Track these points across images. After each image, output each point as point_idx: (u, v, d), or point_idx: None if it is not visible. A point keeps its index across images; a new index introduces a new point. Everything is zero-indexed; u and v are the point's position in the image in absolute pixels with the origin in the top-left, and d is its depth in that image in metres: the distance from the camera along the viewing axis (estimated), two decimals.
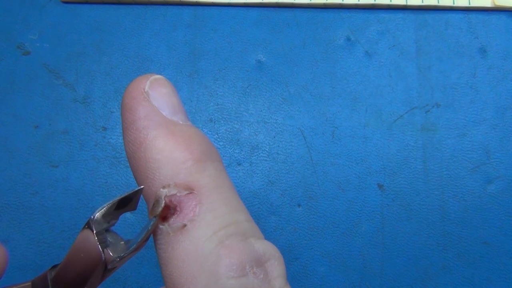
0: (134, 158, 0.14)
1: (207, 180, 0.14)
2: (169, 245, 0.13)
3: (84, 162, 0.35)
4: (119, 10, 0.38)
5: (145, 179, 0.14)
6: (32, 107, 0.36)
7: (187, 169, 0.14)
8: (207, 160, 0.14)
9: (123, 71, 0.37)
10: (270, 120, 0.36)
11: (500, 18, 0.38)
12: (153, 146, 0.14)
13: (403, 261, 0.34)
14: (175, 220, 0.13)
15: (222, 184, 0.14)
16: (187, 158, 0.14)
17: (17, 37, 0.38)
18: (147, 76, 0.15)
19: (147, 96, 0.15)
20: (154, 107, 0.14)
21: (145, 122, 0.14)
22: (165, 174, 0.14)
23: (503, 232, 0.34)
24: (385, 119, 0.36)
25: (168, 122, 0.14)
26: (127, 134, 0.15)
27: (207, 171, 0.14)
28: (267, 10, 0.38)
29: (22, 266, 0.33)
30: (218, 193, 0.14)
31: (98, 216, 0.14)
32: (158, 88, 0.15)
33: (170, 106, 0.15)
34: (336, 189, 0.35)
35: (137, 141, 0.14)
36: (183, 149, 0.14)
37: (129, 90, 0.15)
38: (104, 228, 0.14)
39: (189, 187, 0.14)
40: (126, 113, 0.15)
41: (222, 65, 0.37)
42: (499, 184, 0.35)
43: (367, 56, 0.37)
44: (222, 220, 0.13)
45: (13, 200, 0.34)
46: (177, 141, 0.14)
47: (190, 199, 0.13)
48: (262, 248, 0.14)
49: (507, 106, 0.36)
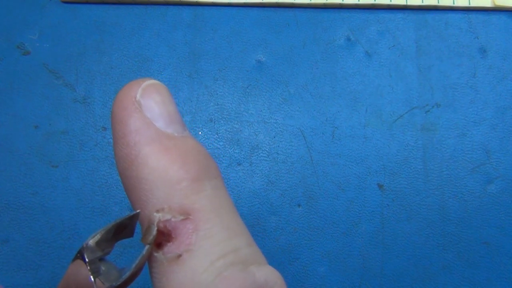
0: (125, 176, 0.13)
1: (205, 202, 0.13)
2: (164, 275, 0.12)
3: (84, 162, 0.35)
4: (119, 10, 0.38)
5: (138, 201, 0.13)
6: (32, 107, 0.36)
7: (182, 191, 0.13)
8: (205, 179, 0.13)
9: (123, 71, 0.37)
10: (270, 120, 0.36)
11: (500, 18, 0.38)
12: (145, 164, 0.13)
13: (403, 261, 0.34)
14: (170, 249, 0.12)
15: (221, 205, 0.13)
16: (183, 177, 0.13)
17: (17, 37, 0.38)
18: (138, 82, 0.14)
19: (139, 106, 0.13)
20: (147, 119, 0.13)
21: (137, 137, 0.13)
22: (158, 196, 0.13)
23: (503, 232, 0.34)
24: (385, 119, 0.36)
25: (162, 136, 0.13)
26: (117, 149, 0.13)
27: (204, 192, 0.13)
28: (267, 10, 0.38)
29: (22, 266, 0.33)
30: (217, 217, 0.13)
31: (91, 243, 0.13)
32: (151, 96, 0.13)
33: (165, 116, 0.13)
34: (336, 189, 0.35)
35: (128, 158, 0.13)
36: (178, 167, 0.13)
37: (119, 99, 0.13)
38: (98, 256, 0.13)
39: (185, 211, 0.12)
40: (116, 125, 0.13)
41: (222, 65, 0.37)
42: (499, 184, 0.35)
43: (367, 56, 0.37)
44: (221, 247, 0.12)
45: (13, 200, 0.34)
46: (171, 158, 0.13)
47: (186, 225, 0.12)
48: (264, 277, 0.13)
49: (507, 106, 0.36)
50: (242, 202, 0.34)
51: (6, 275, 0.33)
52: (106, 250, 0.13)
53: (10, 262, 0.33)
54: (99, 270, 0.13)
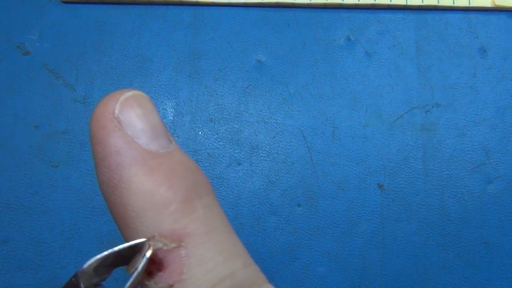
0: (110, 202, 0.12)
1: (197, 225, 0.12)
2: None
3: (84, 162, 0.35)
4: (119, 10, 0.38)
5: (126, 228, 0.12)
6: (32, 107, 0.36)
7: (172, 215, 0.12)
8: (195, 198, 0.12)
9: (123, 71, 0.37)
10: (270, 120, 0.36)
11: (500, 18, 0.38)
12: (129, 189, 0.12)
13: (403, 261, 0.34)
14: (161, 279, 0.12)
15: (215, 226, 0.12)
16: (171, 200, 0.12)
17: (17, 37, 0.38)
18: (116, 95, 0.12)
19: (118, 123, 0.12)
20: (128, 137, 0.12)
21: (118, 159, 0.12)
22: (147, 223, 0.12)
23: (503, 232, 0.34)
24: (385, 119, 0.36)
25: (146, 155, 0.12)
26: (99, 173, 0.12)
27: (195, 213, 0.12)
28: (267, 10, 0.38)
29: (22, 266, 0.33)
30: (210, 240, 0.12)
31: (88, 268, 0.12)
32: (131, 110, 0.12)
33: (148, 130, 0.12)
34: (336, 189, 0.35)
35: (111, 183, 0.12)
36: (165, 189, 0.12)
37: (97, 117, 0.12)
38: (94, 283, 0.12)
39: (176, 237, 0.12)
40: (95, 146, 0.12)
41: (222, 65, 0.37)
42: (499, 184, 0.35)
43: (367, 56, 0.37)
44: (216, 274, 0.12)
45: (13, 200, 0.34)
46: (157, 179, 0.12)
47: (177, 253, 0.12)
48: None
49: (507, 106, 0.36)
50: (242, 202, 0.34)
51: (6, 275, 0.33)
52: (103, 276, 0.12)
53: (10, 262, 0.33)
54: None
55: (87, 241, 0.33)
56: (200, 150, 0.36)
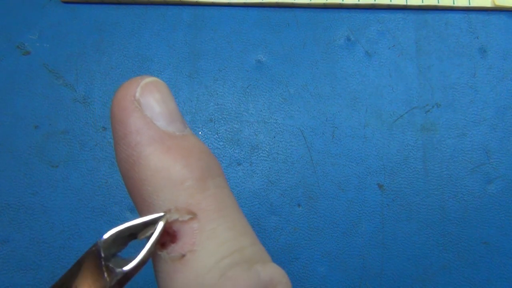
0: (128, 178, 0.13)
1: (209, 202, 0.13)
2: (168, 274, 0.12)
3: (84, 162, 0.35)
4: (119, 10, 0.38)
5: (142, 203, 0.13)
6: (32, 107, 0.36)
7: (187, 190, 0.12)
8: (208, 177, 0.13)
9: (123, 71, 0.37)
10: (270, 120, 0.36)
11: (500, 18, 0.38)
12: (148, 166, 0.12)
13: (403, 261, 0.34)
14: (174, 249, 0.12)
15: (225, 204, 0.13)
16: (187, 177, 0.12)
17: (17, 37, 0.38)
18: (137, 80, 0.13)
19: (139, 105, 0.13)
20: (147, 118, 0.13)
21: (137, 137, 0.13)
22: (163, 198, 0.12)
23: (503, 232, 0.34)
24: (385, 119, 0.36)
25: (163, 136, 0.13)
26: (118, 151, 0.13)
27: (208, 191, 0.13)
28: (267, 10, 0.38)
29: (22, 266, 0.33)
30: (221, 217, 0.13)
31: (108, 239, 0.12)
32: (150, 94, 0.13)
33: (166, 114, 0.13)
34: (336, 189, 0.35)
35: (130, 159, 0.13)
36: (181, 167, 0.12)
37: (118, 99, 0.13)
38: (112, 253, 0.13)
39: (190, 211, 0.12)
40: (116, 126, 0.13)
41: (222, 65, 0.37)
42: (499, 184, 0.35)
43: (367, 56, 0.37)
44: (226, 247, 0.12)
45: (13, 200, 0.34)
46: (174, 158, 0.13)
47: (191, 225, 0.12)
48: (269, 275, 0.13)
49: (507, 106, 0.36)
50: (242, 202, 0.34)
51: (6, 275, 0.33)
52: (120, 247, 0.13)
53: (10, 262, 0.33)
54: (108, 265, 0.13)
55: (87, 241, 0.33)
56: None
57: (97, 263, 0.12)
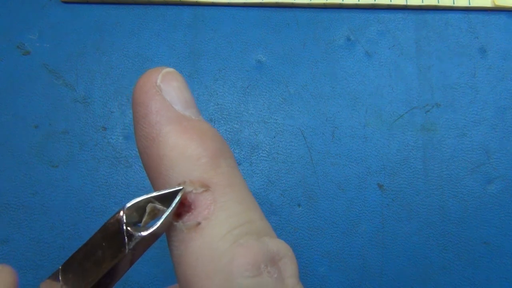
0: (146, 154, 0.14)
1: (221, 178, 0.14)
2: (183, 243, 0.13)
3: (84, 162, 0.35)
4: (119, 10, 0.38)
5: (159, 176, 0.14)
6: (32, 107, 0.36)
7: (201, 166, 0.13)
8: (220, 157, 0.14)
9: (123, 71, 0.37)
10: (270, 120, 0.36)
11: (500, 18, 0.38)
12: (166, 142, 0.14)
13: (403, 261, 0.34)
14: (189, 218, 0.13)
15: (236, 182, 0.14)
16: (201, 154, 0.14)
17: (17, 37, 0.38)
18: (158, 69, 0.15)
19: (159, 90, 0.14)
20: (167, 102, 0.14)
21: (157, 117, 0.14)
22: (179, 171, 0.13)
23: (503, 232, 0.34)
24: (385, 119, 0.36)
25: (181, 118, 0.14)
26: (139, 128, 0.14)
27: (221, 168, 0.14)
28: (267, 10, 0.38)
29: (22, 266, 0.33)
30: (232, 192, 0.14)
31: (131, 207, 0.14)
32: (170, 82, 0.15)
33: (182, 100, 0.15)
34: (336, 189, 0.35)
35: (150, 136, 0.14)
36: (197, 145, 0.14)
37: (141, 84, 0.15)
38: (133, 222, 0.14)
39: (204, 184, 0.13)
40: (138, 107, 0.14)
41: (222, 65, 0.37)
42: (499, 184, 0.35)
43: (367, 56, 0.37)
44: (236, 219, 0.13)
45: (13, 200, 0.34)
46: (190, 137, 0.14)
47: (204, 197, 0.13)
48: (276, 247, 0.13)
49: (507, 106, 0.36)
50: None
51: None
52: (140, 218, 0.14)
53: (10, 262, 0.33)
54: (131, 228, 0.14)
55: None
56: None
57: (119, 228, 0.14)
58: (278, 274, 0.13)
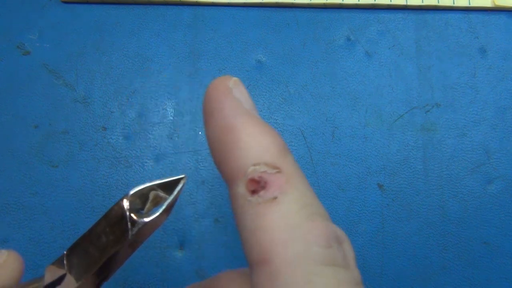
0: (220, 141, 0.16)
1: (289, 166, 0.15)
2: (259, 215, 0.14)
3: (84, 162, 0.35)
4: (119, 10, 0.38)
5: (232, 157, 0.15)
6: (32, 107, 0.36)
7: (272, 154, 0.15)
8: (287, 152, 0.16)
9: (123, 71, 0.37)
10: (270, 120, 0.36)
11: (500, 18, 0.38)
12: (243, 130, 0.15)
13: (403, 261, 0.34)
14: (266, 193, 0.14)
15: (300, 172, 0.16)
16: (272, 146, 0.15)
17: (17, 37, 0.38)
18: (227, 76, 0.17)
19: (231, 92, 0.16)
20: (239, 100, 0.16)
21: (232, 111, 0.16)
22: (253, 154, 0.15)
23: (503, 232, 0.34)
24: (385, 119, 0.36)
25: (252, 114, 0.16)
26: (213, 120, 0.16)
27: (288, 159, 0.15)
28: (267, 10, 0.38)
29: None
30: (299, 177, 0.15)
31: (134, 194, 0.14)
32: (239, 87, 0.16)
33: (250, 102, 0.16)
34: (336, 189, 0.35)
35: (228, 125, 0.15)
36: (269, 137, 0.15)
37: (215, 85, 0.16)
38: (136, 208, 0.14)
39: (276, 166, 0.15)
40: (212, 102, 0.16)
41: (222, 65, 0.37)
42: (499, 184, 0.35)
43: (367, 56, 0.37)
44: (307, 199, 0.14)
45: (13, 200, 0.34)
46: (263, 130, 0.15)
47: (278, 177, 0.15)
48: (339, 231, 0.15)
49: (507, 106, 0.36)
50: None
51: None
52: (143, 205, 0.15)
53: None
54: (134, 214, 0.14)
55: None
56: (200, 150, 0.36)
57: (123, 214, 0.14)
58: (343, 253, 0.14)
